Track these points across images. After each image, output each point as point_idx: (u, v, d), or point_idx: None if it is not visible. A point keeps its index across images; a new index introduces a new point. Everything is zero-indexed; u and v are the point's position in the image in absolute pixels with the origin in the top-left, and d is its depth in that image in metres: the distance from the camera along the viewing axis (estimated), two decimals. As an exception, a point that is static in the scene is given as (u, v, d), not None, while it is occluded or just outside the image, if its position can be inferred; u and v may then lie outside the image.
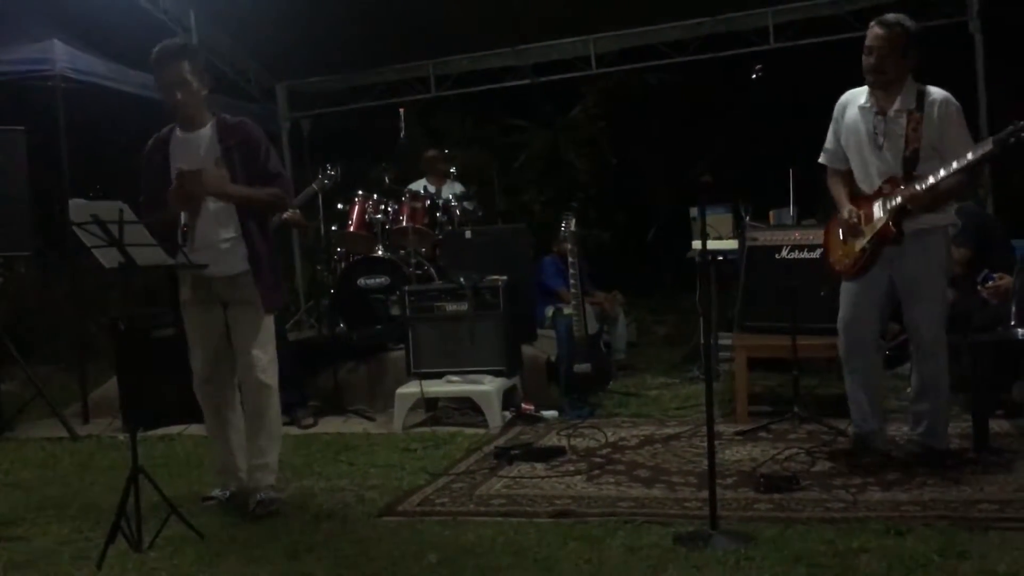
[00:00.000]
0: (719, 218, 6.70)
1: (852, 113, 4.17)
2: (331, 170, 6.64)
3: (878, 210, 4.09)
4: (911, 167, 3.99)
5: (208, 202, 3.87)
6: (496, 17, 8.05)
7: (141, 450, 3.68)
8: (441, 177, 8.04)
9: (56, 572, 3.31)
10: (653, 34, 8.54)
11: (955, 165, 3.85)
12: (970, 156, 3.83)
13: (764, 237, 5.65)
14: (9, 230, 6.06)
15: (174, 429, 5.55)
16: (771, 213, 6.74)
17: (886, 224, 4.04)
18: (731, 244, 6.53)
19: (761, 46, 8.09)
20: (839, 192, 4.29)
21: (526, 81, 9.18)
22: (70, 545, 3.59)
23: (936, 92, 4.02)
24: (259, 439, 4.02)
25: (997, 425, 4.61)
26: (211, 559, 3.36)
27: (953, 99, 4.01)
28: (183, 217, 3.87)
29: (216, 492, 4.09)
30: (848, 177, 4.27)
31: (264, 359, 3.98)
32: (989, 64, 7.69)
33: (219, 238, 3.89)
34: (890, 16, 4.03)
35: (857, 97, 4.16)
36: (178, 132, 3.95)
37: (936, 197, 3.97)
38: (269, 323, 4.04)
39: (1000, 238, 5.62)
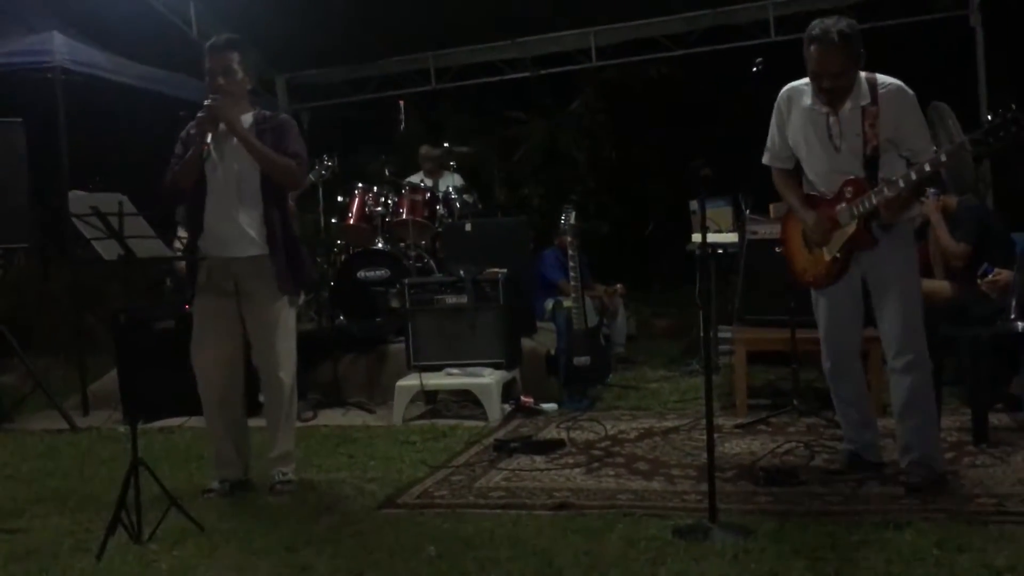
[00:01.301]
0: (719, 211, 6.69)
1: (799, 111, 3.83)
2: (328, 161, 6.63)
3: (845, 216, 3.77)
4: (873, 167, 3.71)
5: (233, 176, 3.98)
6: (496, 9, 8.04)
7: (141, 442, 3.68)
8: (437, 171, 8.04)
9: (56, 564, 3.31)
10: (653, 27, 8.54)
11: (927, 168, 3.54)
12: (943, 157, 3.58)
13: (764, 230, 5.64)
14: (8, 222, 6.05)
15: (174, 421, 5.55)
16: (771, 206, 6.73)
17: (859, 231, 3.75)
18: (731, 237, 6.53)
19: (761, 39, 8.10)
20: (792, 196, 3.98)
21: (526, 74, 9.18)
22: (70, 537, 3.59)
23: (888, 82, 3.71)
24: (278, 431, 4.12)
25: (996, 419, 4.61)
26: (211, 551, 3.37)
27: (906, 87, 3.71)
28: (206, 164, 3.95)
29: (216, 485, 4.09)
30: (797, 177, 3.98)
31: (284, 354, 4.08)
32: (990, 57, 7.69)
33: (240, 215, 3.98)
34: (831, 31, 3.57)
35: (801, 94, 3.81)
36: None
37: (908, 200, 3.71)
38: (289, 315, 4.12)
39: (1000, 232, 5.62)
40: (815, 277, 3.95)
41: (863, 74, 3.70)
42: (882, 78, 3.71)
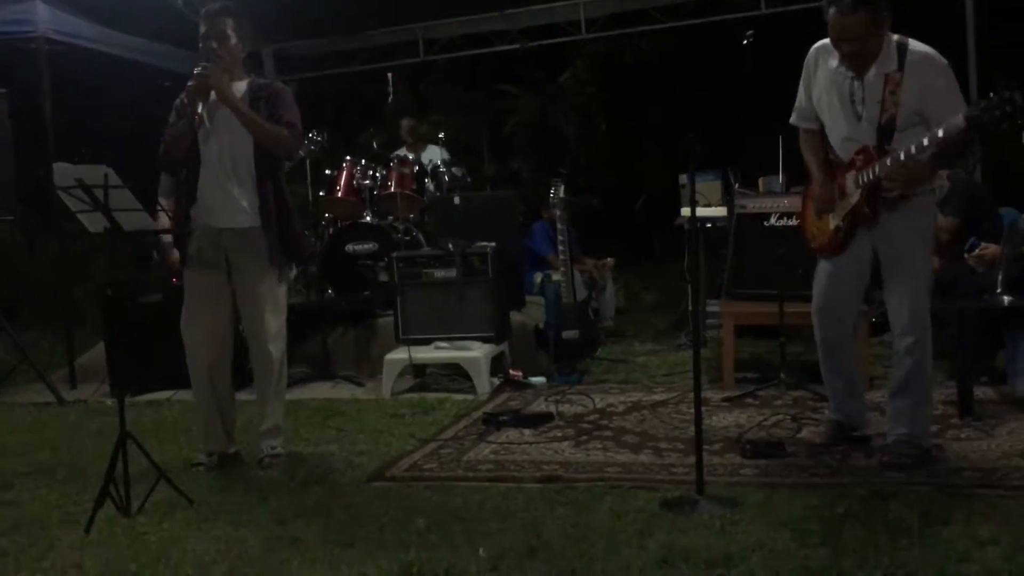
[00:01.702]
0: (708, 185, 6.69)
1: (825, 71, 3.69)
2: (317, 136, 6.59)
3: (852, 184, 3.68)
4: (886, 137, 3.56)
5: (227, 146, 3.95)
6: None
7: (129, 415, 3.67)
8: (418, 144, 8.01)
9: (45, 536, 3.31)
10: (644, -1, 8.48)
11: (924, 141, 3.40)
12: (941, 133, 3.36)
13: (753, 205, 5.65)
14: (-7, 194, 6.01)
15: (162, 394, 5.54)
16: (760, 180, 6.73)
17: (859, 203, 3.65)
18: (720, 211, 6.53)
19: (752, 11, 8.06)
20: (811, 158, 3.87)
21: (516, 46, 9.11)
22: (58, 510, 3.59)
23: (919, 49, 3.53)
24: (266, 405, 4.12)
25: (981, 392, 4.64)
26: (200, 524, 3.37)
27: (939, 57, 3.53)
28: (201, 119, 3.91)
29: (203, 458, 4.09)
30: (822, 139, 3.85)
31: (274, 327, 4.07)
32: (980, 33, 7.67)
33: (233, 185, 3.96)
34: None
35: (829, 54, 3.65)
36: None
37: (917, 174, 3.54)
38: (280, 289, 4.10)
39: (988, 206, 5.64)
40: (820, 245, 3.88)
41: (895, 38, 3.55)
42: (914, 44, 3.54)
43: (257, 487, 3.80)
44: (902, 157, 3.49)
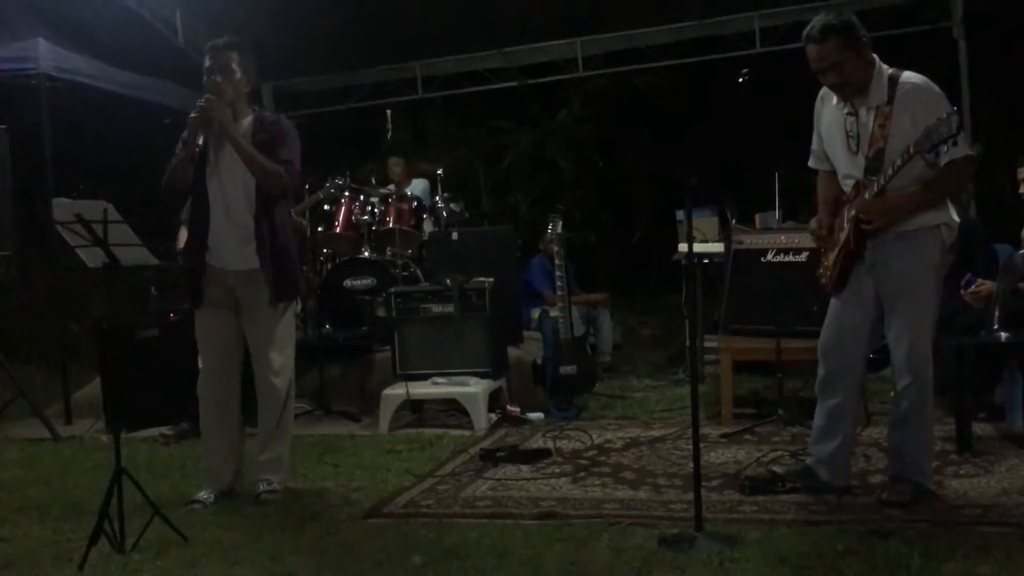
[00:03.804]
0: (705, 221, 6.72)
1: (829, 111, 3.75)
2: (339, 179, 6.66)
3: (846, 220, 3.68)
4: (874, 170, 3.54)
5: (234, 187, 3.97)
6: (483, 19, 8.06)
7: (124, 451, 3.65)
8: (404, 179, 8.07)
9: (38, 573, 3.28)
10: (640, 37, 8.58)
11: (889, 171, 3.43)
12: (898, 161, 3.40)
13: (750, 240, 5.67)
14: (-9, 229, 6.01)
15: (158, 430, 5.51)
16: (757, 216, 6.77)
17: (847, 237, 3.65)
18: (717, 247, 6.55)
19: (747, 50, 8.15)
20: (820, 197, 3.89)
21: (513, 83, 9.20)
22: (52, 546, 3.56)
23: (909, 80, 3.52)
24: (270, 438, 4.12)
25: (979, 428, 4.63)
26: (195, 561, 3.34)
27: (929, 85, 3.51)
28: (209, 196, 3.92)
29: (201, 495, 4.05)
30: (835, 179, 3.84)
31: (279, 362, 4.07)
32: (973, 70, 7.76)
33: (240, 228, 3.98)
34: (815, 26, 3.52)
35: (832, 94, 3.71)
36: None
37: (894, 206, 3.51)
38: (286, 324, 4.12)
39: (982, 242, 5.65)
40: (825, 282, 3.84)
41: (888, 71, 3.57)
42: (906, 76, 3.54)
43: (253, 523, 3.77)
44: (875, 189, 3.52)
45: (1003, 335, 4.49)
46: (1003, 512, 3.51)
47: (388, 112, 9.01)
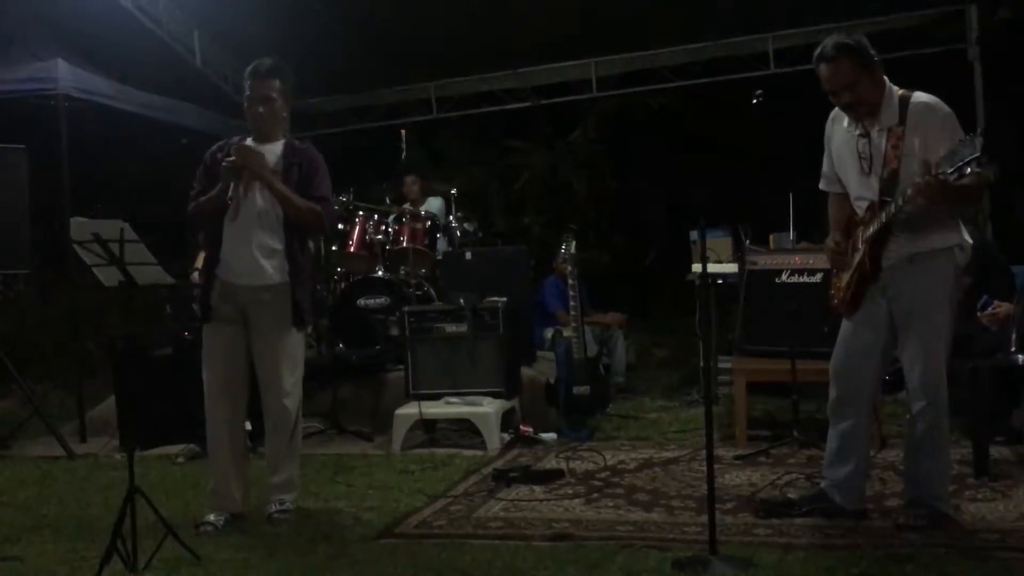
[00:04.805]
0: (719, 242, 6.72)
1: (840, 133, 3.74)
2: (342, 197, 6.70)
3: (861, 240, 3.66)
4: (888, 191, 3.53)
5: (255, 205, 3.98)
6: (498, 40, 8.11)
7: (138, 470, 3.66)
8: (420, 198, 8.11)
9: (51, 592, 3.29)
10: (654, 58, 8.61)
11: (901, 201, 3.42)
12: (909, 191, 3.39)
13: (764, 261, 5.65)
14: (9, 248, 6.07)
15: (172, 449, 5.52)
16: (771, 237, 6.76)
17: (862, 259, 3.63)
18: (731, 267, 6.54)
19: (761, 71, 8.16)
20: (832, 218, 3.87)
21: (527, 103, 9.23)
22: (65, 565, 3.57)
23: (920, 100, 3.52)
24: (279, 458, 4.11)
25: (997, 451, 4.59)
26: (207, 580, 3.34)
27: (940, 105, 3.51)
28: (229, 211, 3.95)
29: (212, 517, 4.02)
30: (847, 201, 3.82)
31: (289, 381, 4.07)
32: (988, 91, 7.74)
33: (258, 244, 3.99)
34: (827, 46, 3.53)
35: (842, 116, 3.71)
36: (250, 142, 4.10)
37: (956, 192, 3.33)
38: (296, 343, 4.12)
39: (999, 264, 5.63)
40: (839, 303, 3.80)
41: (899, 92, 3.57)
42: (917, 96, 3.54)
43: (265, 543, 3.77)
44: (883, 218, 3.51)
45: (1020, 357, 4.46)
46: (1022, 537, 3.47)
47: (403, 132, 9.05)
